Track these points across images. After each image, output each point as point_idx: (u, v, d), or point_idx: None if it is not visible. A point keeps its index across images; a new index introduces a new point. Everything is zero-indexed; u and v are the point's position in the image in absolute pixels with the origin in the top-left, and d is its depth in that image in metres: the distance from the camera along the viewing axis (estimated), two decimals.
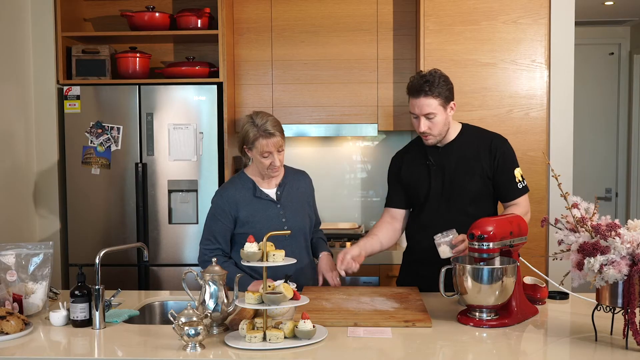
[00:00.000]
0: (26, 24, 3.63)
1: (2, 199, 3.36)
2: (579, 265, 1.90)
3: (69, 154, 3.63)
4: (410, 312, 2.22)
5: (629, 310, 1.85)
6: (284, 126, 3.76)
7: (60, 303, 2.23)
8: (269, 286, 2.01)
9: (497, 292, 2.09)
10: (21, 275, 2.30)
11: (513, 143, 3.50)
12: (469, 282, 2.10)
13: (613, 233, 1.86)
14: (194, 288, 2.30)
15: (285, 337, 1.94)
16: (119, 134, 3.60)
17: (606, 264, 1.83)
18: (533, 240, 3.45)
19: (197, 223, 3.59)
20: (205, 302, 2.08)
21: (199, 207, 3.59)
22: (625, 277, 1.83)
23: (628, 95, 5.39)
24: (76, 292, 2.14)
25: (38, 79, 3.67)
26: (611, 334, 2.00)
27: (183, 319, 1.92)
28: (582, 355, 1.87)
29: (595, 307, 1.97)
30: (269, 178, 2.62)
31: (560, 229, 2.00)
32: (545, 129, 3.55)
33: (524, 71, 3.54)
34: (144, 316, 2.49)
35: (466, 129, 2.65)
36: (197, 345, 1.90)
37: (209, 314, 2.03)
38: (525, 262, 2.33)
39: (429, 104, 2.47)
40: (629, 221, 1.93)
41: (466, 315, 2.17)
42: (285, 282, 2.05)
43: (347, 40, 3.82)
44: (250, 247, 1.98)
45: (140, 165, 3.61)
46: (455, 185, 2.57)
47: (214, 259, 2.16)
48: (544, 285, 2.41)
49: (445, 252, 2.39)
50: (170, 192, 3.61)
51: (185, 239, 3.61)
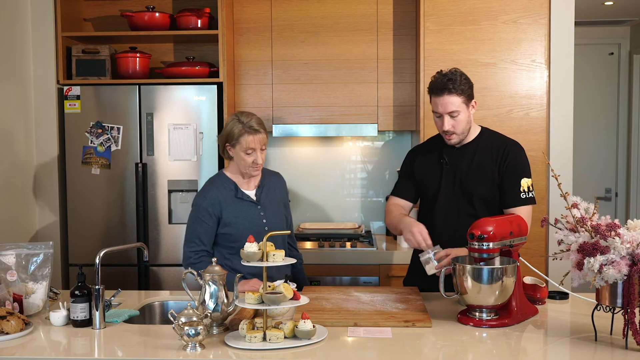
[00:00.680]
0: (26, 24, 3.63)
1: (2, 198, 3.36)
2: (579, 265, 1.90)
3: (69, 154, 3.63)
4: (410, 312, 2.22)
5: (628, 310, 1.85)
6: (284, 126, 3.80)
7: (60, 303, 2.23)
8: (269, 286, 2.01)
9: (497, 292, 2.09)
10: (21, 275, 2.30)
11: None
12: (469, 282, 2.10)
13: (613, 233, 1.86)
14: (194, 288, 2.30)
15: (285, 337, 1.94)
16: (119, 134, 3.60)
17: (606, 264, 1.83)
18: (533, 240, 3.45)
19: None
20: (205, 302, 2.08)
21: None
22: (625, 277, 1.83)
23: (628, 95, 5.39)
24: (76, 292, 2.14)
25: (38, 79, 3.67)
26: (611, 333, 2.00)
27: (183, 319, 1.92)
28: (582, 355, 1.87)
29: (595, 307, 1.97)
30: (249, 177, 2.64)
31: (560, 229, 2.00)
32: (545, 129, 3.55)
33: (524, 71, 3.54)
34: (144, 316, 2.49)
35: (485, 132, 2.64)
36: (197, 345, 1.90)
37: (209, 314, 2.04)
38: (525, 262, 2.33)
39: (453, 101, 2.46)
40: (629, 221, 1.93)
41: (466, 315, 2.17)
42: (285, 282, 2.05)
43: (347, 40, 3.82)
44: (250, 247, 1.98)
45: (140, 165, 3.61)
46: (465, 187, 2.57)
47: (214, 259, 2.16)
48: (544, 285, 2.41)
49: (431, 268, 2.39)
50: (170, 192, 3.61)
51: None
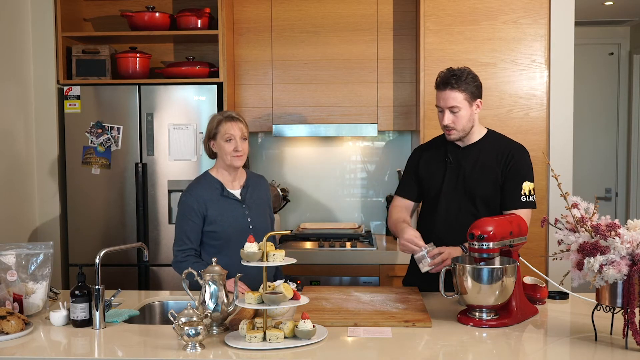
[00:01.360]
0: (26, 24, 3.63)
1: (2, 198, 3.36)
2: (579, 265, 1.90)
3: (69, 154, 3.63)
4: (410, 312, 2.22)
5: (628, 310, 1.85)
6: (284, 126, 3.80)
7: (60, 303, 2.23)
8: (269, 286, 2.01)
9: (497, 292, 2.09)
10: (21, 275, 2.30)
11: None
12: (469, 282, 2.10)
13: (613, 233, 1.87)
14: (194, 288, 2.30)
15: (285, 337, 1.94)
16: (119, 134, 3.60)
17: (606, 264, 1.83)
18: (533, 240, 3.45)
19: None
20: (205, 302, 2.08)
21: None
22: (625, 277, 1.83)
23: (628, 96, 5.39)
24: (76, 292, 2.14)
25: (38, 79, 3.67)
26: (611, 333, 2.00)
27: (183, 319, 1.92)
28: (582, 355, 1.87)
29: (595, 307, 1.97)
30: (234, 170, 2.65)
31: (560, 229, 2.00)
32: (545, 129, 3.55)
33: (524, 71, 3.54)
34: (144, 316, 2.49)
35: (490, 134, 2.65)
36: (197, 345, 1.90)
37: (209, 314, 2.04)
38: (525, 262, 2.34)
39: (454, 97, 2.49)
40: (629, 221, 1.93)
41: (466, 315, 2.17)
42: (285, 282, 2.05)
43: (347, 40, 3.82)
44: (250, 247, 1.98)
45: (140, 165, 3.61)
46: (467, 187, 2.57)
47: (214, 259, 2.16)
48: (544, 285, 2.41)
49: (424, 266, 2.39)
50: (170, 192, 3.61)
51: None
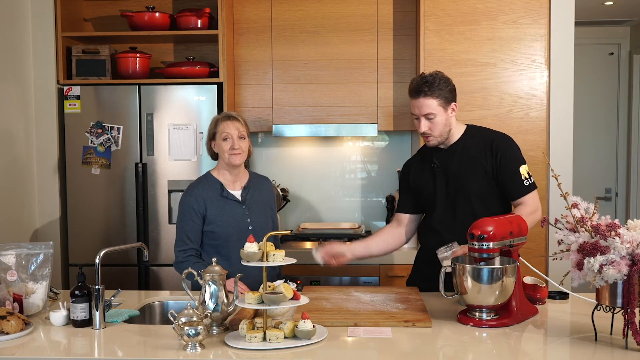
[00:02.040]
0: (26, 24, 3.63)
1: (2, 198, 3.36)
2: (579, 265, 1.90)
3: (69, 154, 3.63)
4: (410, 312, 2.22)
5: (628, 310, 1.85)
6: (284, 126, 3.80)
7: (60, 303, 2.23)
8: (269, 286, 2.01)
9: (497, 292, 2.09)
10: (21, 275, 2.30)
11: None
12: (469, 282, 2.10)
13: (613, 233, 1.86)
14: (194, 288, 2.30)
15: (285, 337, 1.94)
16: (119, 134, 3.60)
17: (606, 264, 1.83)
18: (533, 240, 3.45)
19: None
20: (205, 302, 2.08)
21: None
22: (625, 277, 1.83)
23: (628, 96, 5.39)
24: (76, 292, 2.14)
25: (38, 79, 3.67)
26: (611, 333, 2.00)
27: (183, 319, 1.92)
28: (582, 355, 1.87)
29: (595, 307, 1.97)
30: (232, 168, 2.66)
31: (560, 229, 2.00)
32: (545, 129, 3.55)
33: (524, 71, 3.54)
34: (144, 316, 2.49)
35: (470, 129, 2.65)
36: (197, 345, 1.90)
37: (209, 314, 2.03)
38: (525, 262, 2.33)
39: (428, 104, 2.49)
40: (629, 221, 1.93)
41: (466, 315, 2.17)
42: (285, 282, 2.05)
43: (347, 40, 3.82)
44: (250, 247, 1.98)
45: (140, 165, 3.61)
46: (459, 186, 2.57)
47: (214, 259, 2.16)
48: (544, 285, 2.41)
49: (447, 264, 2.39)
50: (170, 192, 3.61)
51: None
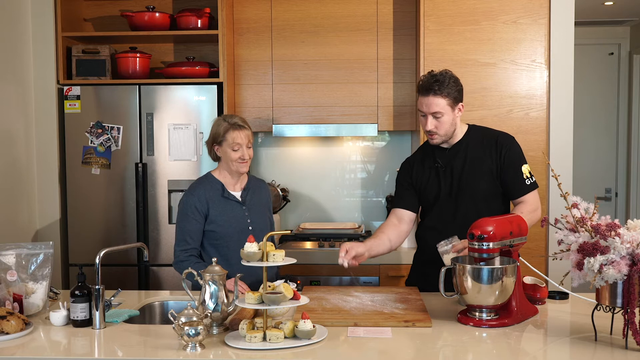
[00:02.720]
0: (26, 24, 3.63)
1: (2, 198, 3.36)
2: (579, 265, 1.90)
3: (69, 154, 3.63)
4: (410, 312, 2.22)
5: (628, 310, 1.85)
6: (284, 126, 3.80)
7: (60, 303, 2.23)
8: (269, 286, 2.01)
9: (497, 292, 2.09)
10: (21, 275, 2.30)
11: None
12: (469, 282, 2.10)
13: (613, 233, 1.86)
14: (194, 288, 2.30)
15: (285, 337, 1.94)
16: (119, 134, 3.60)
17: (606, 264, 1.83)
18: (533, 240, 3.45)
19: None
20: (205, 302, 2.08)
21: None
22: (625, 277, 1.83)
23: (628, 96, 5.39)
24: (76, 292, 2.14)
25: (38, 79, 3.67)
26: (611, 333, 2.00)
27: (183, 319, 1.92)
28: (582, 355, 1.87)
29: (595, 307, 1.97)
30: (238, 175, 2.69)
31: (560, 229, 2.00)
32: (545, 129, 3.55)
33: (524, 71, 3.54)
34: (144, 316, 2.49)
35: (472, 129, 2.66)
36: (197, 345, 1.90)
37: (209, 314, 2.03)
38: (525, 262, 2.33)
39: (437, 102, 2.49)
40: (629, 221, 1.93)
41: (466, 315, 2.17)
42: (285, 282, 2.05)
43: (347, 40, 3.82)
44: (250, 247, 1.98)
45: (140, 165, 3.61)
46: (463, 185, 2.58)
47: (214, 259, 2.16)
48: (544, 285, 2.41)
49: (448, 259, 2.39)
50: (170, 192, 3.61)
51: None
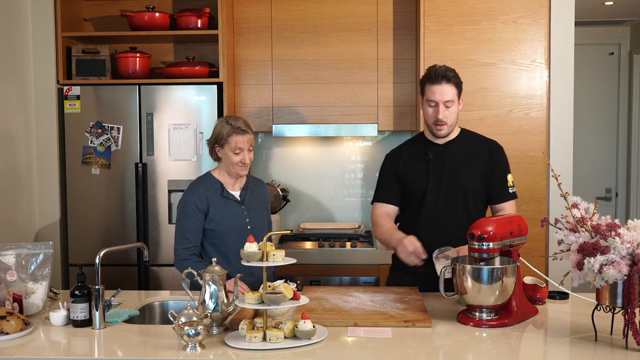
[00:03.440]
0: (26, 24, 3.63)
1: (2, 198, 3.36)
2: (579, 265, 1.90)
3: (69, 154, 3.63)
4: (410, 312, 2.22)
5: (629, 310, 1.85)
6: (284, 126, 3.80)
7: (60, 303, 2.23)
8: (269, 286, 2.01)
9: (497, 292, 2.09)
10: (21, 275, 2.30)
11: (513, 143, 3.53)
12: (469, 282, 2.10)
13: (613, 233, 1.86)
14: (194, 288, 2.30)
15: (285, 337, 1.94)
16: (119, 134, 3.60)
17: (606, 264, 1.83)
18: (533, 240, 3.45)
19: None
20: (205, 302, 2.08)
21: None
22: (625, 277, 1.83)
23: (628, 96, 5.39)
24: (76, 292, 2.14)
25: (38, 79, 3.67)
26: (611, 333, 2.00)
27: (183, 319, 1.92)
28: (582, 355, 1.87)
29: (595, 307, 1.97)
30: (237, 177, 2.71)
31: (560, 229, 2.00)
32: (545, 129, 3.55)
33: (524, 71, 3.54)
34: (144, 316, 2.49)
35: (465, 131, 2.72)
36: (197, 345, 1.90)
37: (209, 314, 2.03)
38: (525, 262, 2.33)
39: (449, 91, 2.53)
40: (629, 221, 1.93)
41: (466, 315, 2.17)
42: (285, 282, 2.05)
43: (347, 40, 3.82)
44: (250, 247, 1.98)
45: (140, 165, 3.61)
46: (453, 183, 2.60)
47: (214, 259, 2.16)
48: (544, 285, 2.41)
49: (439, 267, 2.38)
50: (170, 192, 3.61)
51: None
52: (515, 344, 2.00)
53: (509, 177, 2.66)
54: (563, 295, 2.47)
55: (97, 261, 2.17)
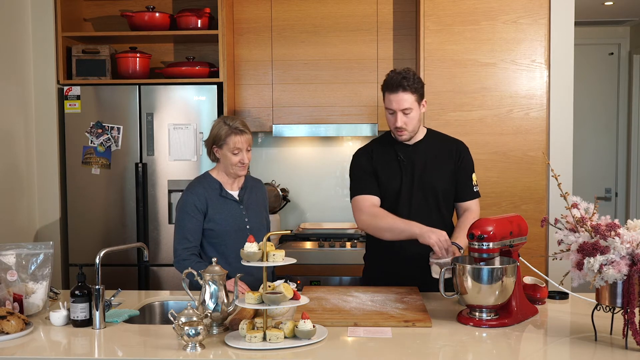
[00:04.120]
0: (26, 24, 3.63)
1: (2, 198, 3.36)
2: (579, 265, 1.90)
3: (69, 154, 3.63)
4: (410, 312, 2.22)
5: (628, 310, 1.85)
6: (284, 126, 3.80)
7: (60, 303, 2.23)
8: (269, 286, 2.01)
9: (497, 292, 2.09)
10: (21, 275, 2.30)
11: (513, 143, 3.54)
12: (469, 282, 2.10)
13: (613, 233, 1.87)
14: (194, 288, 2.30)
15: (285, 337, 1.94)
16: (119, 134, 3.60)
17: (606, 264, 1.83)
18: (533, 240, 3.45)
19: None
20: (205, 302, 2.08)
21: None
22: (625, 277, 1.83)
23: (628, 96, 5.39)
24: (76, 292, 2.14)
25: (38, 79, 3.67)
26: (611, 333, 2.00)
27: (183, 319, 1.92)
28: (582, 355, 1.87)
29: (595, 307, 1.97)
30: (235, 177, 2.71)
31: (560, 229, 2.00)
32: (545, 129, 3.55)
33: (524, 71, 3.55)
34: (144, 316, 2.49)
35: (431, 132, 2.75)
36: (197, 345, 1.90)
37: (209, 314, 2.04)
38: (525, 262, 2.33)
39: (407, 99, 2.52)
40: (629, 221, 1.93)
41: (466, 315, 2.17)
42: (285, 282, 2.05)
43: (347, 40, 3.82)
44: (250, 247, 1.98)
45: (140, 165, 3.61)
46: (425, 181, 2.63)
47: (214, 259, 2.16)
48: (544, 285, 2.41)
49: (437, 271, 2.38)
50: (170, 192, 3.61)
51: None
52: (515, 344, 2.00)
53: (474, 176, 2.72)
54: (563, 295, 2.47)
55: (97, 261, 2.17)
